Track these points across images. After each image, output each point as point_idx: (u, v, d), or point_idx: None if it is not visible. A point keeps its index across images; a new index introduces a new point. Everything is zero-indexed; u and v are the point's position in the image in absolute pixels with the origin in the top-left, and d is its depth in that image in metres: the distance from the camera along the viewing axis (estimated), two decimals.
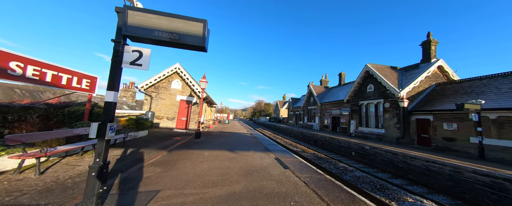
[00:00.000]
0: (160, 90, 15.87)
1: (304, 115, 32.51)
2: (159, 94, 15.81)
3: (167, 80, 16.03)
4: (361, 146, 12.61)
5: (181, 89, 16.12)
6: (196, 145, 9.25)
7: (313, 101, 29.54)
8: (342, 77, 27.35)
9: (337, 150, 15.07)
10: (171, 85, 16.06)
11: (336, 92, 26.10)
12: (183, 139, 11.09)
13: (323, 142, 17.56)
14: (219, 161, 6.38)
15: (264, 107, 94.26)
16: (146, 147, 8.15)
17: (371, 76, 17.58)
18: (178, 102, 16.02)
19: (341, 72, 27.33)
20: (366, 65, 17.81)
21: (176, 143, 9.72)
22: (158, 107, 15.72)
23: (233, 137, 13.22)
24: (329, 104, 24.83)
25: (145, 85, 15.19)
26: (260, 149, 8.98)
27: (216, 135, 14.19)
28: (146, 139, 10.25)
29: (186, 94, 16.11)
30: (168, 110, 15.80)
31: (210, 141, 10.84)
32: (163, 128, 15.53)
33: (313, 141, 19.65)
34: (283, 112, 57.81)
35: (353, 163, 11.16)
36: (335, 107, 23.50)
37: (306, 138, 21.51)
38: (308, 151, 14.13)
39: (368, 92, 17.88)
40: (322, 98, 27.52)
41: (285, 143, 18.25)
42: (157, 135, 11.93)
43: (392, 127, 14.95)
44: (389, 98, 15.53)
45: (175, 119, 15.84)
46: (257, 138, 13.56)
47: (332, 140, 16.28)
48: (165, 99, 15.86)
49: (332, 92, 27.35)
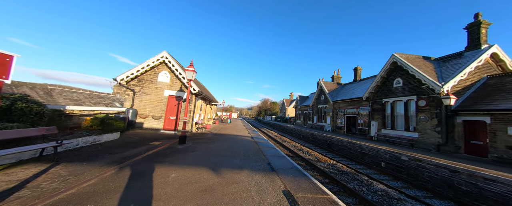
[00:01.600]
0: (145, 83, 13.32)
1: (313, 115, 29.49)
2: (143, 89, 13.27)
3: (153, 72, 13.46)
4: (395, 156, 9.65)
5: (170, 83, 13.52)
6: (171, 156, 6.58)
7: (324, 99, 26.50)
8: (358, 72, 24.20)
9: (360, 159, 12.12)
10: (158, 78, 13.48)
11: (352, 89, 22.97)
12: (161, 145, 8.45)
13: (340, 147, 14.62)
14: (181, 198, 3.65)
15: (270, 106, 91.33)
16: (90, 161, 5.53)
17: (399, 68, 14.47)
18: (166, 98, 13.43)
19: (356, 66, 24.19)
20: (393, 55, 14.70)
21: (147, 152, 7.07)
22: (142, 103, 13.19)
23: (229, 141, 10.50)
24: (343, 102, 21.78)
25: (125, 78, 12.67)
26: (260, 166, 6.12)
27: (209, 138, 11.51)
28: (109, 145, 7.66)
29: (175, 88, 13.51)
30: (154, 107, 13.25)
31: (195, 148, 8.15)
32: (148, 129, 12.99)
33: (327, 145, 16.72)
34: (290, 111, 54.77)
35: (389, 181, 8.25)
36: (350, 105, 20.44)
37: (318, 141, 18.58)
38: (323, 159, 11.25)
39: (395, 88, 14.78)
40: (334, 96, 24.47)
41: (294, 147, 15.40)
42: (130, 139, 9.35)
43: (430, 131, 11.86)
44: (424, 94, 12.43)
45: (162, 118, 13.27)
46: (259, 143, 10.78)
47: (351, 145, 13.33)
48: (151, 94, 13.31)
49: (346, 89, 24.24)
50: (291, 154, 12.45)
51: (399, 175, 9.02)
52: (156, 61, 13.02)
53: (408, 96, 13.54)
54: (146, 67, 12.90)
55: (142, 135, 10.79)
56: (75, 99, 18.33)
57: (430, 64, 14.09)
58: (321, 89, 27.41)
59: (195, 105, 14.07)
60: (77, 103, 17.76)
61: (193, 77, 9.45)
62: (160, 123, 13.20)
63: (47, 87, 16.90)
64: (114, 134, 8.97)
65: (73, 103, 17.35)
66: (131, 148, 7.54)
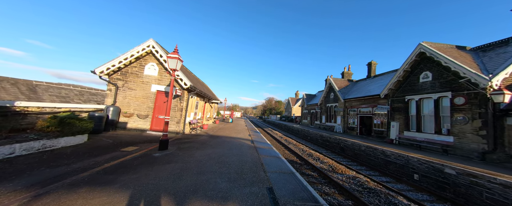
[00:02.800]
0: (129, 77, 11.52)
1: (321, 114, 27.32)
2: (127, 83, 11.47)
3: (138, 63, 11.64)
4: (435, 167, 7.53)
5: (158, 76, 11.68)
6: (133, 172, 4.68)
7: (333, 97, 24.31)
8: (372, 67, 21.90)
9: (383, 168, 10.02)
10: (144, 71, 11.66)
11: (366, 86, 20.72)
12: (134, 152, 6.59)
13: (356, 152, 12.51)
14: None
15: (275, 105, 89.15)
16: (3, 181, 3.69)
17: (428, 60, 12.24)
18: (154, 94, 11.61)
19: (371, 61, 21.88)
20: (420, 44, 12.47)
21: (105, 164, 5.20)
22: (126, 100, 11.40)
23: (223, 147, 8.56)
24: (356, 101, 19.58)
25: (106, 70, 10.88)
26: (255, 194, 3.87)
27: (200, 142, 9.61)
28: (63, 153, 5.84)
29: (165, 83, 11.66)
30: (139, 104, 11.44)
31: (175, 157, 6.24)
32: (132, 130, 11.20)
33: (340, 148, 14.62)
34: (296, 110, 52.55)
35: (433, 202, 6.16)
36: (365, 104, 18.25)
37: (329, 143, 16.48)
38: (339, 168, 9.18)
39: (422, 83, 12.55)
40: (345, 93, 22.25)
41: (302, 152, 13.37)
42: (100, 144, 7.53)
43: (470, 134, 9.65)
44: (462, 90, 10.21)
45: (150, 117, 11.45)
46: (260, 149, 8.79)
47: (371, 150, 11.21)
48: (136, 89, 11.50)
49: (359, 87, 21.98)
50: (299, 161, 10.44)
51: (443, 193, 6.90)
52: (142, 51, 11.18)
53: (440, 93, 11.31)
54: (130, 58, 11.08)
55: (119, 138, 8.97)
56: (63, 96, 16.77)
57: (467, 55, 11.80)
58: (330, 87, 25.22)
59: (187, 102, 12.21)
60: (64, 100, 16.19)
61: (177, 67, 7.55)
62: (147, 122, 11.39)
63: (31, 83, 15.34)
64: (77, 137, 7.15)
65: (59, 100, 15.76)
66: (90, 157, 5.69)
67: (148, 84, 11.56)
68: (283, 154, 11.85)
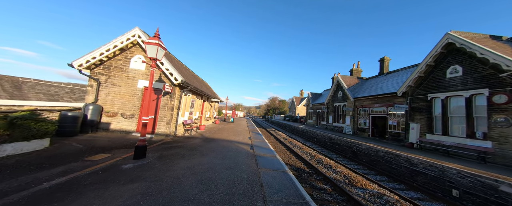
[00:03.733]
0: (113, 71, 10.13)
1: (328, 114, 25.65)
2: (110, 78, 10.09)
3: (123, 56, 10.24)
4: (485, 182, 5.90)
5: (146, 71, 10.26)
6: (66, 202, 3.22)
7: (342, 96, 22.63)
8: (385, 63, 20.13)
9: (409, 178, 8.41)
10: (130, 65, 10.26)
11: (378, 83, 18.99)
12: (101, 162, 5.16)
13: (373, 158, 10.91)
14: None
15: (279, 104, 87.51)
16: None
17: (457, 51, 10.54)
18: (141, 91, 10.20)
19: (383, 57, 20.12)
20: (448, 34, 10.77)
21: (39, 185, 3.76)
22: (109, 97, 10.02)
23: (215, 155, 7.05)
24: (367, 99, 17.89)
25: (85, 63, 9.50)
26: None
27: (189, 147, 8.14)
28: (4, 164, 4.43)
29: (154, 78, 10.23)
30: (124, 102, 10.05)
31: (145, 174, 4.76)
32: (115, 131, 9.82)
33: (352, 153, 13.01)
34: (300, 109, 50.84)
35: None
36: (378, 103, 16.55)
37: (339, 146, 14.87)
38: (358, 181, 7.60)
39: (449, 78, 10.85)
40: (355, 92, 20.56)
41: (310, 157, 11.81)
42: (63, 150, 6.12)
43: None
44: (504, 86, 8.52)
45: (136, 117, 10.05)
46: (260, 158, 7.24)
47: (390, 156, 9.60)
48: (121, 86, 10.11)
49: (370, 84, 20.26)
50: (308, 169, 8.89)
51: None
52: (126, 41, 9.77)
53: (473, 90, 9.61)
54: (113, 50, 9.67)
55: (94, 142, 7.57)
56: (51, 94, 15.46)
57: (506, 45, 10.08)
58: (338, 85, 23.53)
59: (180, 100, 10.78)
60: (52, 98, 14.91)
61: (158, 55, 6.09)
62: (133, 123, 9.99)
63: (18, 80, 14.07)
64: (33, 143, 5.75)
65: (46, 98, 14.51)
66: (34, 171, 4.27)
67: (135, 80, 10.15)
68: (288, 160, 10.33)
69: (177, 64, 12.96)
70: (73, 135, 8.18)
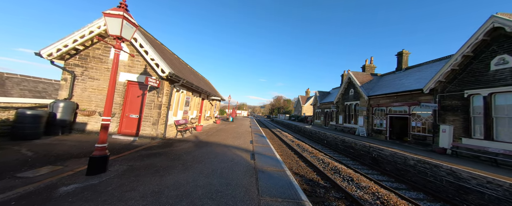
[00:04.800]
0: (90, 63, 8.61)
1: (338, 113, 23.75)
2: (87, 71, 8.57)
3: (102, 44, 8.70)
4: None
5: (129, 62, 8.70)
6: None
7: (353, 94, 20.71)
8: (404, 58, 18.07)
9: (456, 196, 6.58)
10: (110, 55, 8.72)
11: (397, 80, 17.02)
12: (30, 182, 3.57)
13: (399, 167, 9.08)
14: None
15: (283, 103, 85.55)
16: None
17: (507, 38, 8.59)
18: (124, 85, 8.64)
19: (402, 50, 18.08)
20: (493, 17, 8.83)
21: None
22: (85, 93, 8.50)
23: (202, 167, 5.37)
24: (384, 98, 15.97)
25: (56, 52, 7.98)
26: None
27: (174, 155, 6.52)
28: None
29: (138, 70, 8.67)
30: (103, 99, 8.52)
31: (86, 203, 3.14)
32: (93, 133, 8.30)
33: (371, 159, 11.19)
34: (306, 108, 48.85)
35: None
36: (397, 102, 14.63)
37: (354, 151, 13.04)
38: (393, 201, 5.83)
39: (494, 71, 8.91)
40: (369, 89, 18.64)
41: (324, 165, 10.06)
42: (3, 160, 4.58)
43: None
44: None
45: (117, 116, 8.51)
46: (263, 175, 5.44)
47: (426, 166, 7.76)
48: (99, 79, 8.58)
49: (387, 81, 18.28)
50: (323, 182, 7.14)
51: None
52: (104, 26, 8.22)
53: None
54: (88, 36, 8.11)
55: (54, 148, 6.03)
56: (38, 90, 14.06)
57: None
58: (350, 82, 21.60)
59: (170, 96, 9.19)
60: (39, 95, 13.52)
61: (123, 33, 4.49)
62: (113, 123, 8.44)
63: (2, 75, 12.92)
64: None
65: (31, 95, 13.16)
66: None
67: None
68: (298, 169, 8.60)
69: (169, 57, 11.38)
70: (34, 138, 6.67)
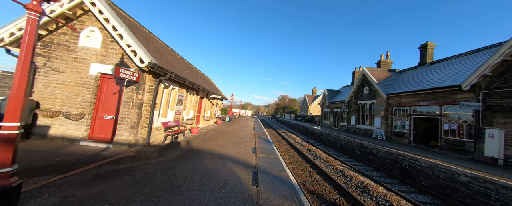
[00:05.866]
0: (55, 51, 6.97)
1: (350, 114, 21.72)
2: (51, 61, 6.94)
3: (69, 29, 7.05)
4: None
5: (102, 50, 7.02)
6: None
7: (368, 92, 18.69)
8: (429, 51, 15.88)
9: None
10: (80, 41, 7.04)
11: (422, 75, 14.92)
12: None
13: (444, 183, 7.13)
14: None
15: (289, 103, 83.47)
16: None
17: None
18: (95, 79, 6.97)
19: (426, 43, 15.91)
20: None
21: None
22: (48, 89, 6.87)
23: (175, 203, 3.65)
24: (408, 96, 13.95)
25: (8, 37, 6.37)
26: None
27: (144, 173, 4.80)
28: None
29: (113, 61, 6.98)
30: (70, 96, 6.87)
31: None
32: (56, 138, 6.67)
33: (400, 170, 9.25)
34: (313, 108, 46.73)
35: None
36: (425, 100, 12.59)
37: (377, 159, 11.11)
38: None
39: None
40: (388, 87, 16.58)
41: (346, 181, 8.19)
42: None
43: None
44: None
45: (88, 118, 6.85)
46: None
47: (488, 187, 5.82)
48: (65, 72, 6.93)
49: (408, 77, 16.19)
50: None
51: None
52: (69, 2, 6.54)
53: None
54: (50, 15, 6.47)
55: None
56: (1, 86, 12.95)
57: None
58: (364, 79, 19.57)
59: (156, 93, 7.48)
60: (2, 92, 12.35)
61: None
62: (82, 127, 6.78)
63: None
64: None
65: None
66: None
67: (86, 63, 6.93)
68: (312, 185, 6.77)
69: (157, 47, 9.67)
70: None
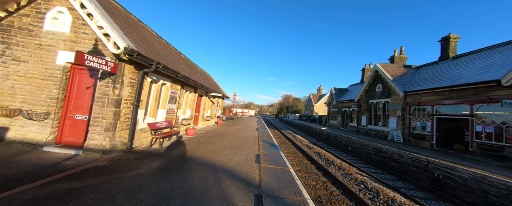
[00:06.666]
0: (15, 37, 5.74)
1: (360, 113, 20.19)
2: (10, 48, 5.71)
3: (33, 9, 5.80)
4: None
5: (72, 34, 5.76)
6: None
7: (382, 90, 17.17)
8: (451, 44, 14.26)
9: None
10: (45, 25, 5.79)
11: (445, 70, 13.36)
12: None
13: (499, 203, 5.66)
14: None
15: (293, 102, 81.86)
16: None
17: None
18: (63, 70, 5.72)
19: (448, 35, 14.31)
20: None
21: None
22: (7, 82, 5.65)
23: None
24: (430, 93, 12.43)
25: None
26: None
27: (102, 200, 3.47)
28: None
29: (85, 48, 5.71)
30: (33, 91, 5.64)
31: None
32: (16, 143, 5.43)
33: (432, 181, 7.79)
34: (319, 107, 45.11)
35: None
36: (452, 98, 11.07)
37: (398, 165, 9.66)
38: None
39: None
40: (405, 84, 15.05)
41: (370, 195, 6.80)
42: None
43: None
44: None
45: (54, 118, 5.61)
46: None
47: None
48: (28, 62, 5.70)
49: (429, 73, 14.63)
50: None
51: None
52: None
53: None
54: None
55: None
56: None
57: None
58: (377, 76, 18.03)
59: (139, 88, 6.19)
60: None
61: None
62: (46, 128, 5.55)
63: None
64: None
65: None
66: None
67: (51, 51, 5.69)
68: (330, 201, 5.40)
69: (146, 35, 8.38)
70: None
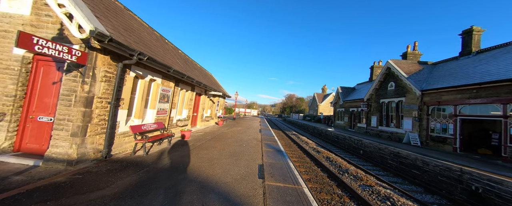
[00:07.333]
0: None
1: (370, 114, 18.92)
2: None
3: None
4: None
5: (33, 17, 4.72)
6: None
7: (395, 89, 15.90)
8: (474, 38, 12.90)
9: None
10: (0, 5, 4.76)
11: (469, 66, 12.06)
12: None
13: None
14: None
15: (296, 102, 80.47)
16: None
17: None
18: (22, 61, 4.68)
19: (471, 27, 12.98)
20: None
21: None
22: None
23: None
24: (452, 92, 11.16)
25: None
26: None
27: None
28: None
29: (47, 33, 4.65)
30: None
31: None
32: None
33: (468, 195, 6.57)
34: (323, 107, 43.78)
35: None
36: (479, 97, 9.83)
37: (423, 174, 8.46)
38: None
39: None
40: (422, 81, 13.78)
41: None
42: None
43: None
44: None
45: (12, 120, 4.57)
46: None
47: None
48: None
49: (449, 70, 13.34)
50: None
51: None
52: None
53: None
54: None
55: None
56: None
57: None
58: (389, 74, 16.77)
59: (118, 84, 5.13)
60: None
61: None
62: (2, 133, 4.52)
63: None
64: None
65: None
66: None
67: (8, 38, 4.66)
68: None
69: (134, 26, 7.29)
70: None
